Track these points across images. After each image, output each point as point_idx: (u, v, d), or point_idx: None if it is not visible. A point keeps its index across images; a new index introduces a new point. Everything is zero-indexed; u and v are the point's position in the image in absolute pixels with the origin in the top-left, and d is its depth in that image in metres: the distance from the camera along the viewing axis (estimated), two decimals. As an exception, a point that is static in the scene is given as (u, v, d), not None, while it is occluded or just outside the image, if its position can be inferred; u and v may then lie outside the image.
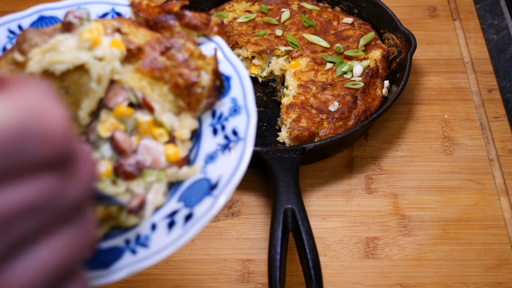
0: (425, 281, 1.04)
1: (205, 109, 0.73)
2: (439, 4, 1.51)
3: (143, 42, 0.71)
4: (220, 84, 0.72)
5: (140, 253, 0.63)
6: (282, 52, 1.29)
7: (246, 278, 1.05)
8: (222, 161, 0.68)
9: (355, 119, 1.18)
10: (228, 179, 0.65)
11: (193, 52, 0.71)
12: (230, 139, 0.69)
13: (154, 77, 0.70)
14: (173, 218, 0.65)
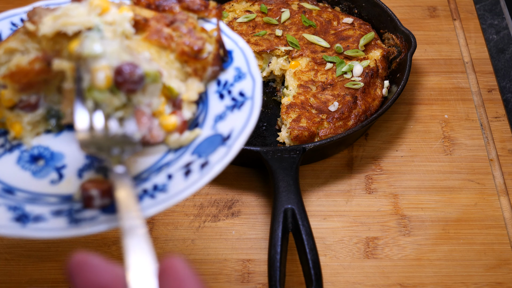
0: (425, 281, 1.04)
1: (211, 78, 0.77)
2: (439, 4, 1.51)
3: (149, 16, 0.75)
4: (223, 53, 0.78)
5: (158, 197, 0.66)
6: (282, 52, 1.29)
7: (246, 278, 1.05)
8: (232, 118, 0.73)
9: (355, 119, 1.18)
10: (240, 130, 0.70)
11: (196, 25, 0.77)
12: (238, 100, 0.74)
13: (161, 45, 0.74)
14: (189, 168, 0.69)
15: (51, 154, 0.78)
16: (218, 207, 1.14)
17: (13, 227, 0.65)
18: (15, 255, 1.08)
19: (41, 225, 0.66)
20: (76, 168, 0.76)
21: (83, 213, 0.67)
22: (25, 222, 0.66)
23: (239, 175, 1.19)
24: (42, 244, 1.09)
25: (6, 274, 1.05)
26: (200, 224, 1.12)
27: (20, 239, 1.09)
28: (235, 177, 1.18)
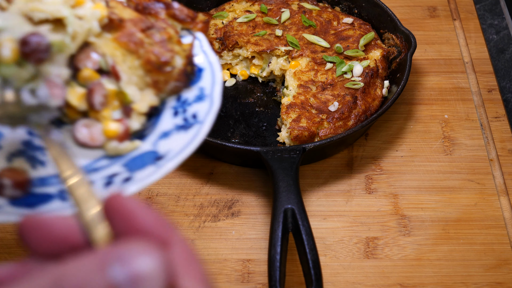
0: (425, 281, 1.04)
1: (172, 92, 0.76)
2: (439, 4, 1.51)
3: (126, 17, 0.75)
4: (191, 71, 0.76)
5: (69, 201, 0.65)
6: (282, 52, 1.29)
7: (246, 278, 1.05)
8: (175, 138, 0.71)
9: (355, 119, 1.18)
10: (176, 153, 0.68)
11: (172, 36, 0.75)
12: (188, 121, 0.72)
13: (129, 49, 0.73)
14: (112, 179, 0.68)
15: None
16: (218, 207, 1.14)
17: None
18: (15, 255, 1.07)
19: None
20: (9, 151, 0.74)
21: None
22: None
23: (239, 175, 1.19)
24: (42, 244, 1.09)
25: (6, 274, 1.05)
26: (200, 224, 1.12)
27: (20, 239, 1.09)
28: (235, 177, 1.18)
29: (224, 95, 1.32)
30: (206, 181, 1.18)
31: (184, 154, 0.68)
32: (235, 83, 1.34)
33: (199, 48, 0.80)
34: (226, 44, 1.30)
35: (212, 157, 1.21)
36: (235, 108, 1.29)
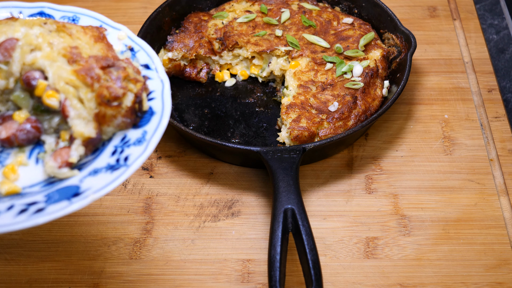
0: (425, 281, 1.04)
1: (119, 127, 0.82)
2: (439, 4, 1.51)
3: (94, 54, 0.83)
4: (139, 108, 0.82)
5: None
6: (282, 52, 1.29)
7: (246, 278, 1.05)
8: (100, 177, 0.77)
9: (355, 119, 1.18)
10: (91, 192, 0.74)
11: (129, 75, 0.82)
12: (119, 163, 0.79)
13: (85, 82, 0.80)
14: (28, 207, 0.74)
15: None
16: (218, 207, 1.14)
17: None
18: (15, 255, 1.08)
19: None
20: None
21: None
22: None
23: (239, 175, 1.19)
24: (42, 244, 1.09)
25: (6, 274, 1.05)
26: (200, 224, 1.12)
27: (20, 237, 1.09)
28: (235, 177, 1.18)
29: (224, 95, 1.32)
30: (206, 181, 1.18)
31: (99, 194, 0.74)
32: (235, 83, 1.34)
33: (160, 92, 0.85)
34: (226, 44, 1.30)
35: (212, 157, 1.21)
36: (235, 108, 1.29)
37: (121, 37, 0.93)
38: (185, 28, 1.35)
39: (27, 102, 0.84)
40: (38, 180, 0.81)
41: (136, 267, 1.06)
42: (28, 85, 0.82)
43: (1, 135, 0.82)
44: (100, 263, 1.06)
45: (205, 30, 1.34)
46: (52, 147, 0.83)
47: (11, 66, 0.82)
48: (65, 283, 1.04)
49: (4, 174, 0.80)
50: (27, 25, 0.84)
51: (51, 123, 0.84)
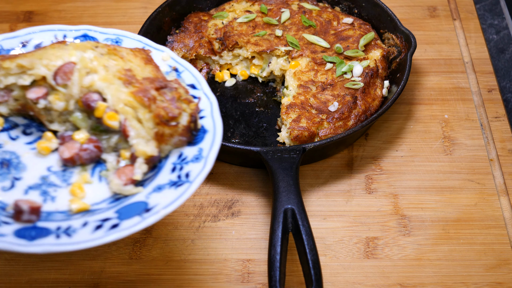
0: (425, 281, 1.04)
1: (175, 145, 0.86)
2: (439, 4, 1.51)
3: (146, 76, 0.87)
4: (194, 127, 0.86)
5: (61, 239, 0.76)
6: (282, 52, 1.29)
7: (246, 278, 1.05)
8: (165, 193, 0.81)
9: (355, 119, 1.18)
10: (161, 208, 0.78)
11: (181, 95, 0.86)
12: (181, 179, 0.82)
13: (142, 103, 0.83)
14: (103, 223, 0.78)
15: (18, 163, 0.87)
16: (218, 207, 1.14)
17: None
18: (15, 255, 1.08)
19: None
20: (27, 184, 0.85)
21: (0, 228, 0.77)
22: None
23: (239, 175, 1.19)
24: (42, 244, 1.09)
25: (6, 274, 1.05)
26: (200, 224, 1.12)
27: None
28: (235, 177, 1.18)
29: (224, 95, 1.32)
30: (206, 181, 1.18)
31: (168, 209, 0.78)
32: (235, 83, 1.34)
33: (209, 111, 0.89)
34: (226, 44, 1.30)
35: (212, 157, 1.21)
36: (235, 108, 1.29)
37: (165, 58, 0.96)
38: (185, 28, 1.35)
39: (85, 123, 0.88)
40: (104, 197, 0.84)
41: (136, 267, 1.06)
42: (88, 106, 0.85)
43: (64, 154, 0.86)
44: (100, 263, 1.06)
45: (205, 30, 1.34)
46: (113, 165, 0.87)
47: (71, 88, 0.85)
48: (65, 283, 1.04)
49: (72, 192, 0.84)
50: (80, 49, 0.87)
51: (109, 143, 0.87)
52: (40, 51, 0.88)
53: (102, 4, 1.54)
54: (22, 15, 1.51)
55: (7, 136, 0.90)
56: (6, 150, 0.88)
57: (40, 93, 0.87)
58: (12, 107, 0.90)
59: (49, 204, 0.82)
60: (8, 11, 1.52)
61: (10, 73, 0.87)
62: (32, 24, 1.49)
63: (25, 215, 0.77)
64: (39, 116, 0.90)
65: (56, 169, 0.87)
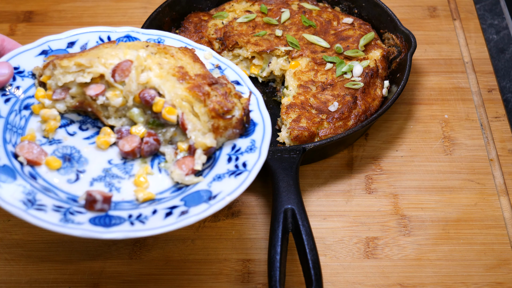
0: (425, 281, 1.04)
1: (229, 137, 0.91)
2: (439, 4, 1.51)
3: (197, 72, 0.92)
4: (247, 120, 0.92)
5: (136, 226, 0.80)
6: (282, 52, 1.29)
7: (246, 278, 1.05)
8: (226, 182, 0.86)
9: (355, 119, 1.18)
10: (225, 195, 0.83)
11: (232, 90, 0.93)
12: (239, 168, 0.88)
13: (198, 98, 0.89)
14: (172, 210, 0.83)
15: (79, 157, 0.91)
16: (218, 207, 1.14)
17: (18, 207, 0.77)
18: (15, 255, 1.08)
19: (39, 214, 0.77)
20: (92, 176, 0.89)
21: (75, 217, 0.80)
22: (28, 207, 0.78)
23: (239, 175, 1.19)
24: (42, 244, 1.09)
25: (6, 274, 1.05)
26: (200, 224, 1.12)
27: (20, 237, 1.09)
28: (235, 177, 1.18)
29: (224, 95, 1.32)
30: (206, 181, 1.18)
31: (233, 196, 0.83)
32: (235, 83, 1.34)
33: (256, 105, 0.93)
34: (226, 44, 1.30)
35: (212, 157, 1.21)
36: (235, 108, 1.29)
37: (207, 56, 1.02)
38: (185, 28, 1.35)
39: (142, 117, 0.92)
40: (166, 187, 0.90)
41: (136, 267, 1.06)
42: (146, 102, 0.90)
43: (125, 148, 0.91)
44: (100, 263, 1.06)
45: (205, 30, 1.34)
46: (172, 157, 0.92)
47: (128, 85, 0.90)
48: (65, 283, 1.04)
49: (136, 183, 0.89)
50: (133, 48, 0.92)
51: (165, 136, 0.92)
52: (94, 51, 0.93)
53: (102, 4, 1.54)
54: (22, 15, 1.51)
55: (65, 132, 0.94)
56: (66, 145, 0.92)
57: (99, 90, 0.91)
58: (69, 104, 0.94)
59: (116, 195, 0.87)
60: (8, 11, 1.52)
61: (69, 71, 0.91)
62: (32, 24, 1.49)
63: (98, 204, 0.82)
64: (96, 112, 0.94)
65: (116, 162, 0.92)
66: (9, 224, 1.11)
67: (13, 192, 0.80)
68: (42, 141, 0.91)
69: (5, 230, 1.11)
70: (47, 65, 0.93)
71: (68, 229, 0.77)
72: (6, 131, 0.88)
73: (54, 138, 0.93)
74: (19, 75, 0.94)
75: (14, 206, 0.77)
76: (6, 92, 0.92)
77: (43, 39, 0.98)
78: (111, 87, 0.91)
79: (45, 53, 0.97)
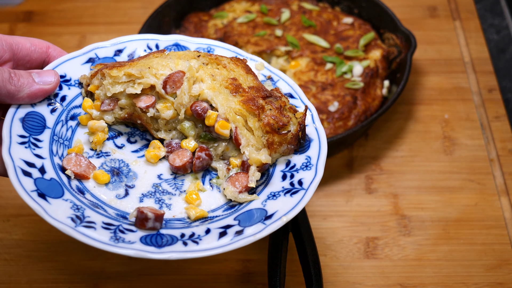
0: (425, 281, 1.04)
1: (283, 153, 0.87)
2: (439, 4, 1.51)
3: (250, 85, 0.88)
4: (302, 136, 0.87)
5: (189, 246, 0.76)
6: (282, 52, 1.29)
7: (246, 278, 1.05)
8: (282, 201, 0.82)
9: (355, 119, 1.18)
10: (281, 214, 0.79)
11: (286, 104, 0.88)
12: (295, 186, 0.83)
13: (252, 112, 0.85)
14: (226, 230, 0.79)
15: (128, 171, 0.87)
16: (218, 207, 1.14)
17: (67, 224, 0.74)
18: (15, 255, 1.08)
19: (88, 231, 0.75)
20: (141, 192, 0.85)
21: (126, 235, 0.77)
22: (77, 224, 0.75)
23: (239, 175, 1.19)
24: (42, 244, 1.09)
25: (6, 274, 1.05)
26: (200, 224, 1.12)
27: (20, 237, 1.09)
28: (235, 177, 1.18)
29: (224, 95, 1.32)
30: (206, 181, 1.18)
31: (289, 216, 0.79)
32: (235, 83, 1.34)
33: (310, 119, 0.90)
34: (226, 44, 1.31)
35: (212, 157, 1.21)
36: (235, 108, 1.29)
37: (259, 67, 0.97)
38: (185, 28, 1.35)
39: (193, 131, 0.88)
40: (218, 204, 0.86)
41: (136, 267, 1.06)
42: (198, 115, 0.86)
43: (175, 162, 0.87)
44: (100, 263, 1.06)
45: (205, 30, 1.34)
46: (224, 173, 0.88)
47: (180, 97, 0.86)
48: (65, 283, 1.04)
49: (187, 199, 0.85)
50: (184, 58, 0.89)
51: (217, 151, 0.88)
52: (144, 60, 0.89)
53: (102, 4, 1.54)
54: (22, 15, 1.51)
55: (113, 144, 0.90)
56: (114, 158, 0.88)
57: (149, 102, 0.87)
58: (118, 116, 0.91)
59: (166, 212, 0.83)
60: (8, 11, 1.52)
61: (118, 81, 0.87)
62: (32, 24, 1.49)
63: (150, 222, 0.78)
64: (146, 125, 0.90)
65: (166, 177, 0.88)
66: (9, 224, 1.11)
67: (61, 208, 0.76)
68: (89, 154, 0.88)
69: (5, 230, 1.11)
70: (95, 74, 0.90)
71: (120, 249, 0.74)
72: (53, 143, 0.85)
73: (102, 150, 0.89)
74: (66, 83, 0.90)
75: (62, 223, 0.74)
76: (52, 101, 0.88)
77: (90, 46, 0.95)
78: (162, 98, 0.88)
79: (92, 61, 0.94)
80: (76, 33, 1.48)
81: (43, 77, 0.84)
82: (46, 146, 0.83)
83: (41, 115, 0.85)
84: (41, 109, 0.85)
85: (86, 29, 1.49)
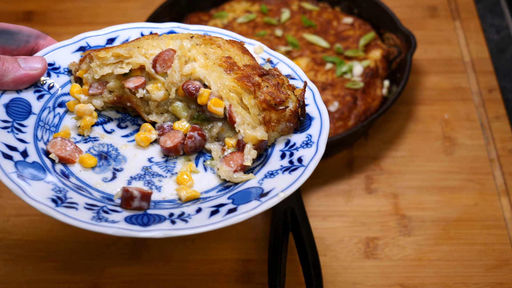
0: (426, 281, 1.04)
1: (282, 132, 0.84)
2: (439, 4, 1.51)
3: (246, 63, 0.85)
4: (301, 112, 0.84)
5: (178, 225, 0.73)
6: (282, 52, 1.28)
7: (246, 278, 1.05)
8: (279, 178, 0.78)
9: (355, 119, 1.18)
10: (278, 191, 0.76)
11: (285, 81, 0.85)
12: (294, 164, 0.80)
13: (247, 89, 0.82)
14: (218, 208, 0.75)
15: (117, 155, 0.85)
16: (218, 207, 1.14)
17: (46, 204, 0.72)
18: (14, 255, 1.08)
19: (69, 211, 0.72)
20: (130, 175, 0.83)
21: (109, 215, 0.74)
22: (58, 204, 0.72)
23: (239, 175, 1.19)
24: (42, 244, 1.09)
25: (5, 274, 1.05)
26: (200, 224, 1.12)
27: (20, 237, 1.09)
28: (235, 177, 1.18)
29: (224, 95, 1.32)
30: (206, 181, 1.18)
31: (287, 192, 0.75)
32: (235, 83, 1.34)
33: (312, 99, 0.87)
34: (226, 44, 1.31)
35: (212, 157, 1.21)
36: (235, 108, 1.29)
37: (257, 51, 0.95)
38: (185, 28, 1.35)
39: (186, 112, 0.86)
40: (212, 185, 0.82)
41: (136, 267, 1.06)
42: (190, 94, 0.83)
43: (166, 144, 0.84)
44: (100, 263, 1.06)
45: (205, 30, 1.34)
46: (219, 154, 0.84)
47: (171, 76, 0.83)
48: (65, 283, 1.04)
49: (179, 181, 0.81)
50: (176, 39, 0.86)
51: (211, 132, 0.85)
52: (134, 42, 0.87)
53: (102, 4, 1.54)
54: (22, 15, 1.51)
55: (102, 130, 0.88)
56: (102, 143, 0.86)
57: (138, 82, 0.85)
58: (107, 99, 0.88)
59: (156, 194, 0.80)
60: (8, 11, 1.52)
61: (106, 63, 0.85)
62: (32, 24, 1.49)
63: (136, 201, 0.75)
64: (136, 108, 0.88)
65: (157, 160, 0.85)
66: (9, 224, 1.11)
67: (42, 190, 0.74)
68: (76, 139, 0.85)
69: (5, 230, 1.11)
70: (83, 59, 0.88)
71: (101, 227, 0.71)
72: (38, 128, 0.83)
73: (90, 135, 0.86)
74: (54, 71, 0.88)
75: (42, 203, 0.71)
76: (40, 89, 0.85)
77: (81, 35, 0.93)
78: (152, 79, 0.85)
79: (82, 49, 0.92)
80: (76, 33, 1.46)
81: (30, 63, 0.82)
82: (31, 131, 0.81)
83: (27, 101, 0.83)
84: (27, 95, 0.83)
85: (86, 29, 1.48)
